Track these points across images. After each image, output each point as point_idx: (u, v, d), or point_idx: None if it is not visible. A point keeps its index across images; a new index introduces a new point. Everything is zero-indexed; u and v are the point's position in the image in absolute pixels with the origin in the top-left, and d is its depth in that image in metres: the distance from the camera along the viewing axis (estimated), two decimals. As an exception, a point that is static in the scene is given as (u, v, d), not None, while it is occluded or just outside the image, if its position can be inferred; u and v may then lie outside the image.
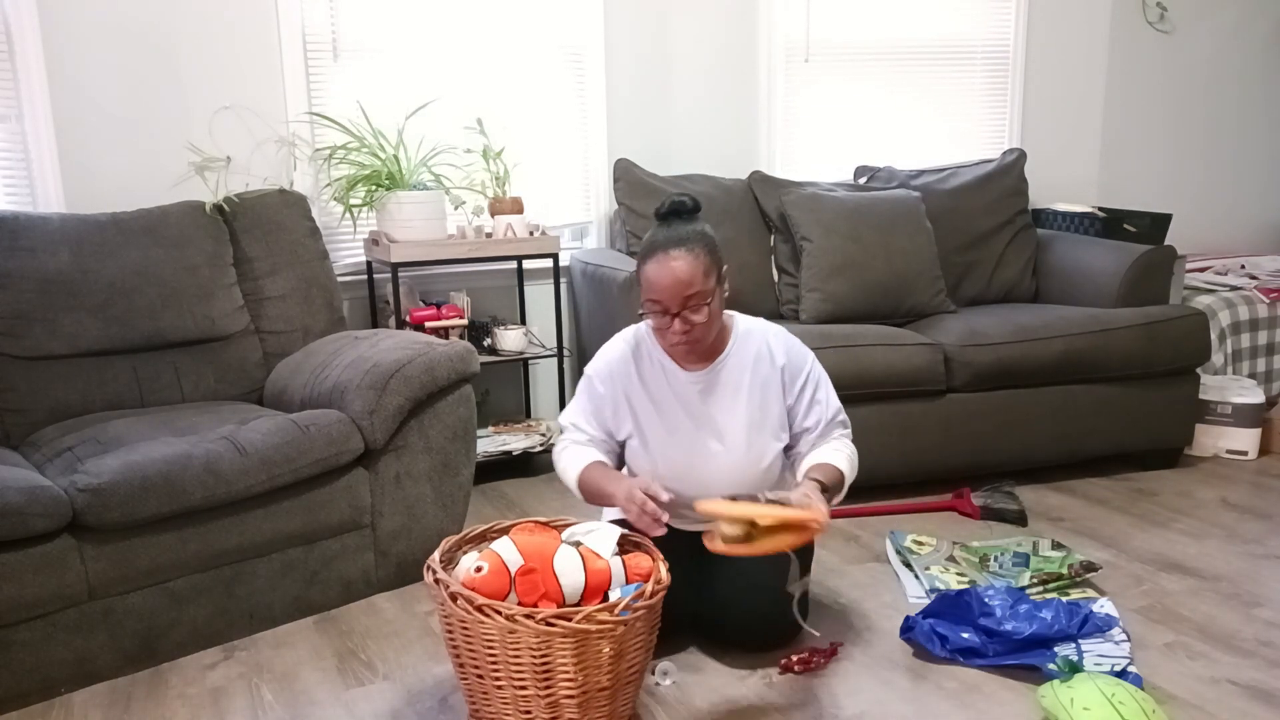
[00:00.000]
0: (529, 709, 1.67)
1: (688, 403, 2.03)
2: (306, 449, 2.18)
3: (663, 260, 1.87)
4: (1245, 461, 3.28)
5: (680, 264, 1.86)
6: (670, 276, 1.85)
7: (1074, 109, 4.07)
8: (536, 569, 1.72)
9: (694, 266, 1.86)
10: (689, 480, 2.03)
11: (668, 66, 3.54)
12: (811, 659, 2.00)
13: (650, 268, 1.88)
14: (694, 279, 1.86)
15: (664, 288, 1.86)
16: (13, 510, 1.81)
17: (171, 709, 1.92)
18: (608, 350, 2.10)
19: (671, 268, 1.86)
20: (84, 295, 2.48)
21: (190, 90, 2.94)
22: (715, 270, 1.91)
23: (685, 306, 1.87)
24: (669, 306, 1.87)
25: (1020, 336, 2.93)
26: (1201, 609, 2.24)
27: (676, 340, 1.92)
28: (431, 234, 3.00)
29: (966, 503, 2.84)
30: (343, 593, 2.35)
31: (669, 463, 2.04)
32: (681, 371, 2.03)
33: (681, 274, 1.85)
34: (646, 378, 2.05)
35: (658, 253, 1.88)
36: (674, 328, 1.89)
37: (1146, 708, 1.65)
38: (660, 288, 1.86)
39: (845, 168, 3.79)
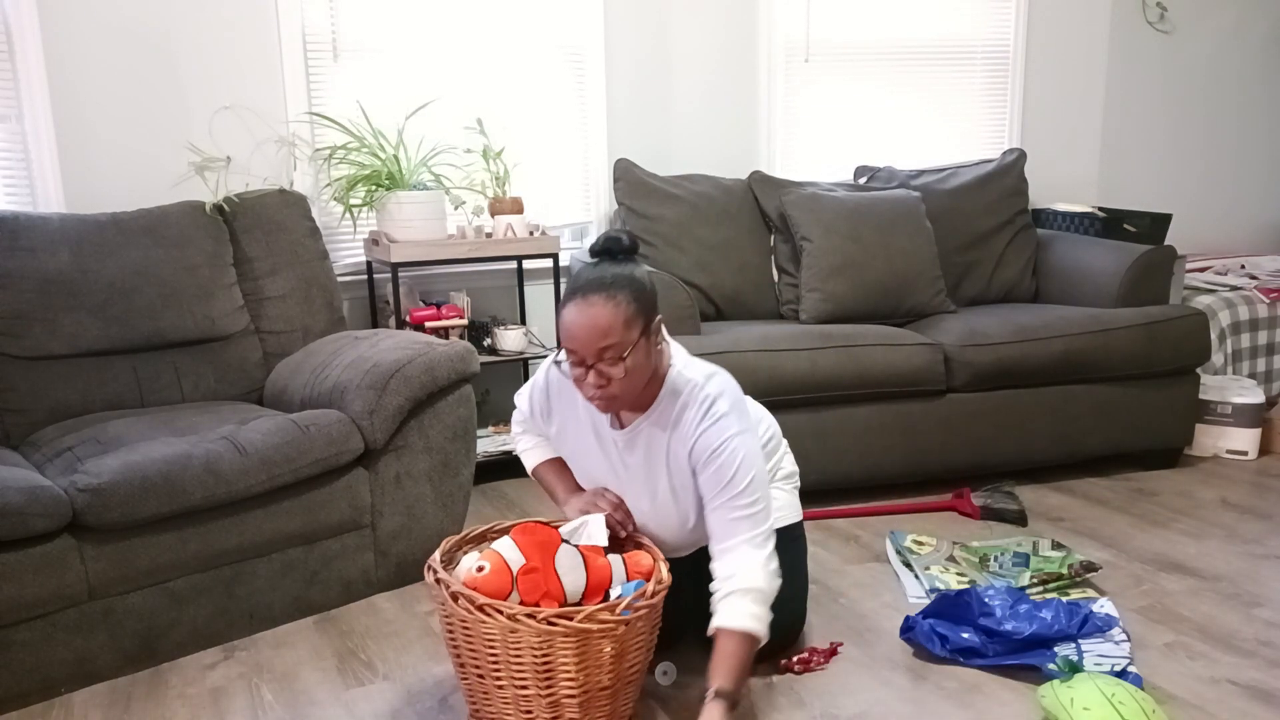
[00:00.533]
0: (530, 709, 1.67)
1: (612, 456, 1.91)
2: (306, 449, 2.18)
3: (580, 305, 1.68)
4: (1245, 461, 3.28)
5: (598, 311, 1.67)
6: (586, 324, 1.67)
7: (1074, 109, 4.07)
8: (538, 568, 1.72)
9: (613, 315, 1.67)
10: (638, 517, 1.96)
11: (668, 66, 3.54)
12: (811, 659, 2.00)
13: (567, 312, 1.70)
14: (611, 329, 1.67)
15: (578, 336, 1.68)
16: (13, 510, 1.81)
17: (171, 709, 1.92)
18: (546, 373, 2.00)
19: (588, 314, 1.67)
20: (84, 295, 2.48)
21: (190, 90, 2.94)
22: (641, 320, 1.71)
23: (600, 359, 1.68)
24: (584, 356, 1.70)
25: (1020, 336, 2.93)
26: (1201, 609, 2.24)
27: (591, 394, 1.74)
28: (431, 234, 3.00)
29: (966, 503, 2.84)
30: (343, 593, 2.35)
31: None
32: (607, 430, 1.90)
33: (599, 322, 1.67)
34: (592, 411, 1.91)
35: (577, 296, 1.70)
36: (589, 380, 1.71)
37: (1146, 708, 1.65)
38: (574, 335, 1.69)
39: (845, 168, 3.79)
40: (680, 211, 3.24)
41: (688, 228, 3.23)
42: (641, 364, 1.73)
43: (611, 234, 1.80)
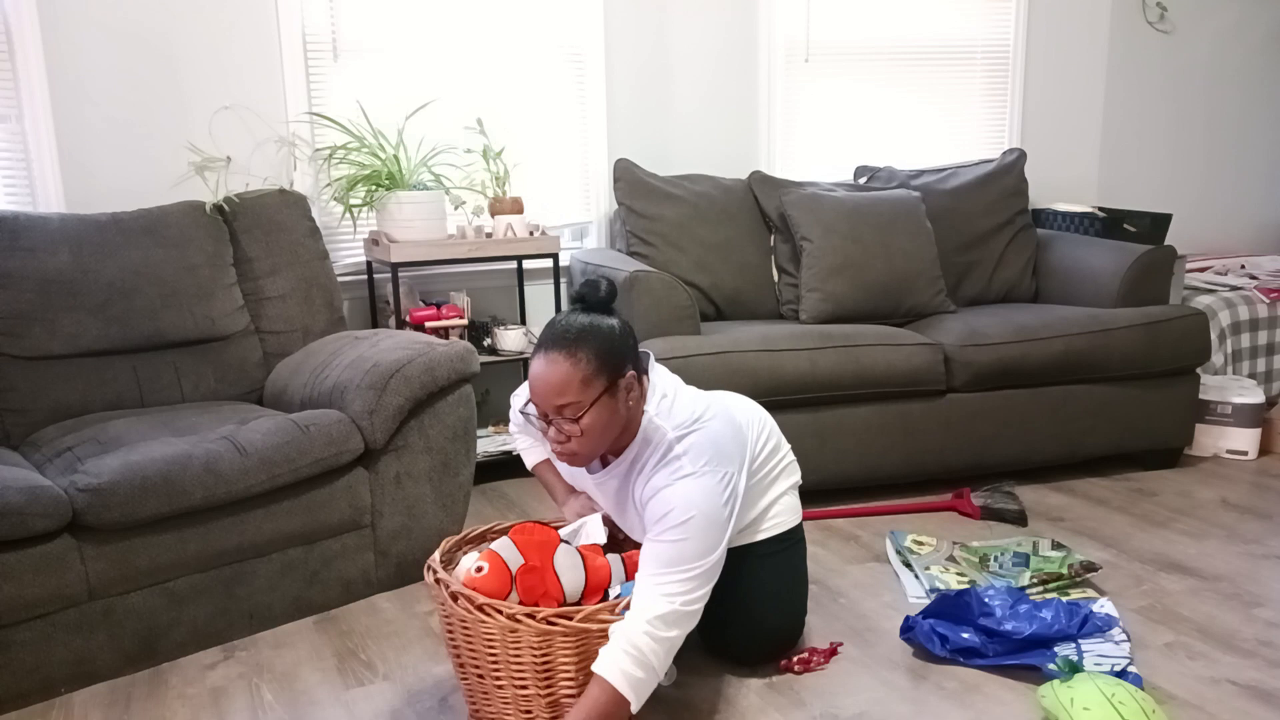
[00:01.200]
0: (529, 709, 1.67)
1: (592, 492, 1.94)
2: (306, 449, 2.18)
3: (542, 360, 1.67)
4: (1245, 461, 3.28)
5: (556, 369, 1.65)
6: (541, 381, 1.66)
7: (1074, 109, 4.07)
8: (537, 568, 1.72)
9: (570, 374, 1.64)
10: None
11: (668, 66, 3.54)
12: (811, 659, 2.00)
13: (533, 364, 1.69)
14: (567, 389, 1.64)
15: (538, 390, 1.67)
16: (13, 510, 1.81)
17: (171, 709, 1.92)
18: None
19: (547, 371, 1.65)
20: (84, 295, 2.48)
21: (190, 90, 2.94)
22: (603, 378, 1.67)
23: (559, 414, 1.67)
24: (544, 411, 1.69)
25: (1020, 336, 2.93)
26: (1201, 609, 2.24)
27: (553, 448, 1.73)
28: (431, 234, 3.00)
29: (966, 503, 2.84)
30: (343, 593, 2.35)
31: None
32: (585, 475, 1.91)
33: (553, 380, 1.65)
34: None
35: (541, 350, 1.68)
36: (550, 433, 1.71)
37: (1146, 708, 1.65)
38: (535, 390, 1.68)
39: (845, 168, 3.79)
40: (680, 211, 3.24)
41: (688, 228, 3.23)
42: (602, 422, 1.68)
43: (590, 280, 1.76)
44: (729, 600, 2.00)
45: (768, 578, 1.99)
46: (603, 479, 1.84)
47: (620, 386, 1.70)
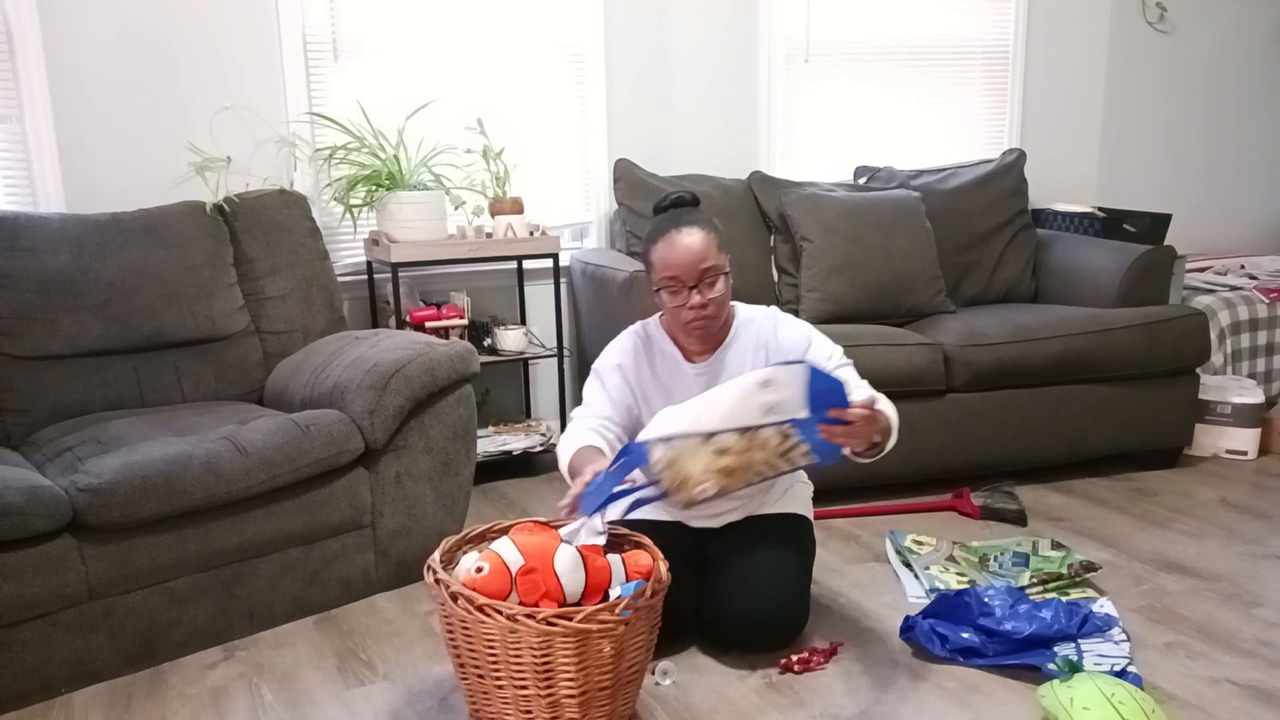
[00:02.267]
0: (529, 709, 1.67)
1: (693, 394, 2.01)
2: (307, 449, 2.18)
3: (674, 237, 1.91)
4: (1245, 461, 3.29)
5: (694, 239, 1.90)
6: (686, 250, 1.89)
7: (1074, 109, 4.07)
8: (537, 568, 1.72)
9: (707, 240, 1.91)
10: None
11: (668, 66, 3.54)
12: (811, 659, 2.01)
13: (662, 247, 1.92)
14: (709, 252, 1.90)
15: (680, 262, 1.90)
16: (13, 510, 1.81)
17: (172, 709, 1.92)
18: (615, 344, 2.12)
19: (686, 243, 1.90)
20: (84, 295, 2.48)
21: (190, 90, 2.94)
22: (725, 251, 1.96)
23: (702, 279, 1.91)
24: (686, 280, 1.91)
25: (1020, 336, 2.93)
26: (1201, 609, 2.24)
27: (692, 317, 1.94)
28: (431, 234, 3.01)
29: (966, 503, 2.84)
30: (343, 593, 2.35)
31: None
32: (687, 364, 2.06)
33: (696, 247, 1.89)
34: (657, 370, 2.08)
35: (669, 231, 1.92)
36: (693, 300, 1.91)
37: (1146, 707, 1.65)
38: (677, 263, 1.90)
39: (845, 168, 3.79)
40: (680, 211, 3.24)
41: (688, 228, 3.23)
42: (729, 288, 1.97)
43: (676, 193, 2.02)
44: (728, 581, 2.01)
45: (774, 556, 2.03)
46: (703, 368, 2.05)
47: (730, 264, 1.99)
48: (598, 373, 2.11)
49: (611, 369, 2.09)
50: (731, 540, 2.09)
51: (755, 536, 2.09)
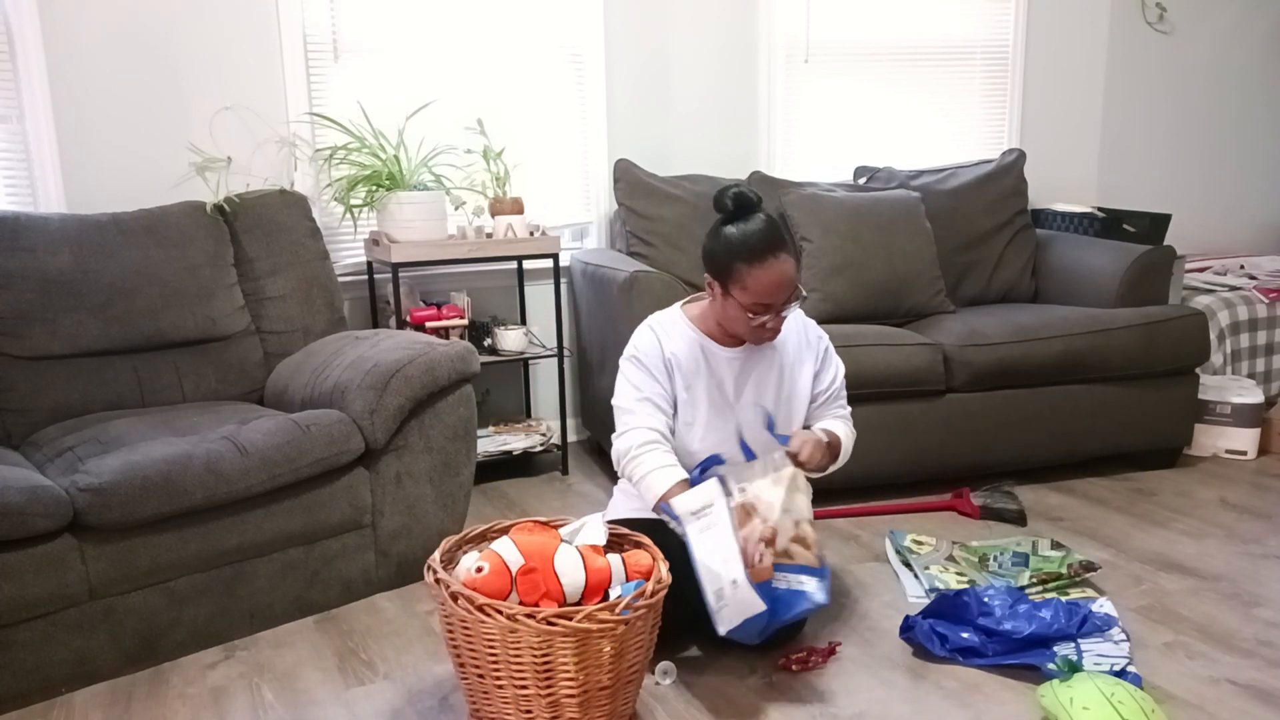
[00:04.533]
0: (530, 708, 1.67)
1: (722, 379, 2.10)
2: (307, 449, 2.19)
3: (773, 265, 1.92)
4: (1244, 461, 3.29)
5: (785, 267, 1.94)
6: (782, 280, 1.93)
7: (1074, 109, 4.07)
8: (537, 568, 1.72)
9: (792, 266, 1.95)
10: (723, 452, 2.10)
11: (668, 66, 3.54)
12: (810, 658, 2.01)
13: (760, 273, 1.92)
14: (794, 277, 1.96)
15: (776, 290, 1.94)
16: (13, 510, 1.81)
17: (172, 709, 1.92)
18: (642, 334, 2.13)
19: (782, 270, 1.93)
20: (84, 295, 2.49)
21: (190, 90, 2.95)
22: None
23: (785, 304, 1.97)
24: (776, 307, 1.96)
25: (1020, 336, 2.93)
26: (1201, 609, 2.24)
27: (763, 336, 2.02)
28: (432, 234, 3.01)
29: (966, 503, 2.84)
30: (343, 592, 2.35)
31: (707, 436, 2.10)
32: (720, 349, 2.11)
33: (787, 275, 1.94)
34: (682, 360, 2.10)
35: (767, 257, 1.92)
36: (772, 324, 1.98)
37: (1146, 707, 1.66)
38: (775, 291, 1.94)
39: (845, 168, 3.79)
40: (680, 211, 3.25)
41: (688, 228, 3.23)
42: None
43: (740, 190, 1.98)
44: None
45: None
46: (736, 354, 2.10)
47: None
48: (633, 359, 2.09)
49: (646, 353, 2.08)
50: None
51: None
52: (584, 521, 1.87)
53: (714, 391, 2.10)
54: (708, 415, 2.10)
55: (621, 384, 2.11)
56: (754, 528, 1.88)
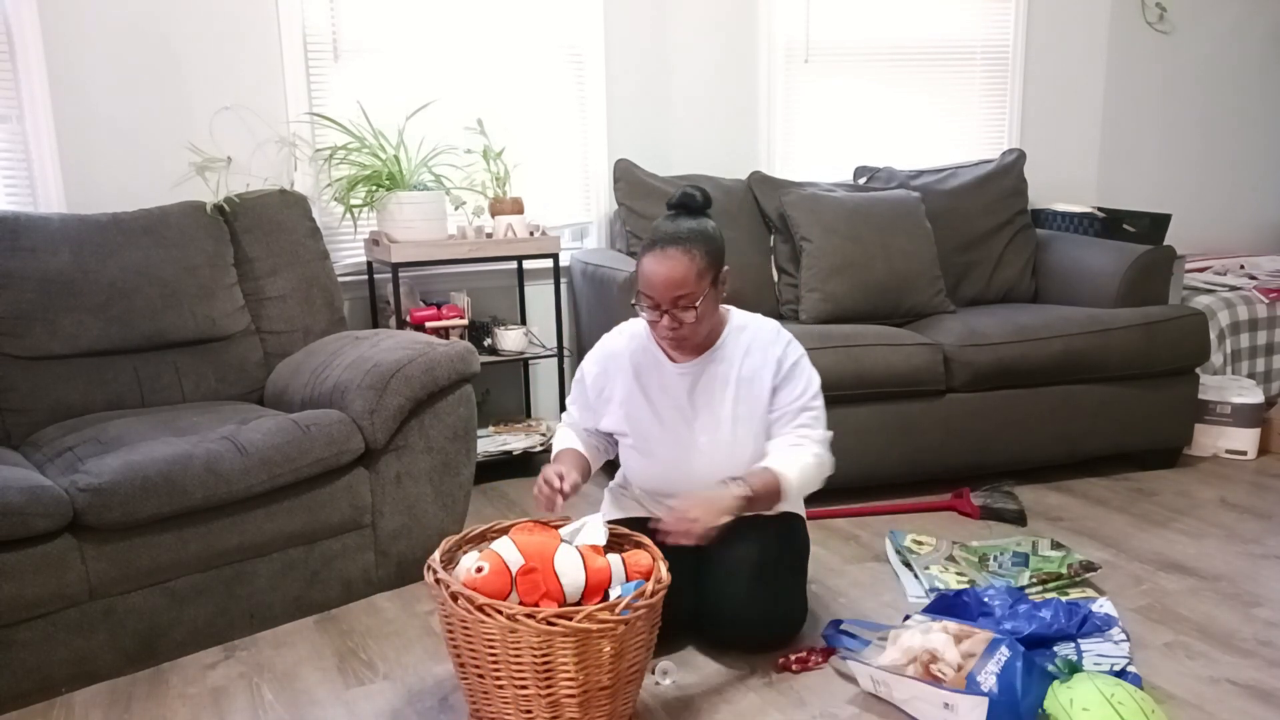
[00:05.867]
0: (530, 708, 1.67)
1: (676, 394, 2.06)
2: (307, 449, 2.19)
3: (658, 257, 1.89)
4: (1244, 461, 3.29)
5: (673, 264, 1.88)
6: (662, 275, 1.88)
7: (1074, 109, 4.07)
8: (537, 568, 1.72)
9: (687, 268, 1.88)
10: (675, 475, 2.07)
11: (668, 67, 3.54)
12: (809, 658, 2.01)
13: (646, 261, 1.91)
14: (685, 280, 1.88)
15: (655, 284, 1.89)
16: (13, 510, 1.81)
17: (172, 709, 1.92)
18: (602, 343, 2.16)
19: (665, 266, 1.88)
20: (84, 295, 2.49)
21: (190, 90, 2.94)
22: (711, 272, 1.92)
23: (675, 305, 1.90)
24: (659, 302, 1.91)
25: (1020, 336, 2.93)
26: (1201, 609, 2.24)
27: (664, 335, 1.97)
28: (432, 234, 3.01)
29: (966, 502, 2.84)
30: (343, 592, 2.35)
31: (656, 454, 2.08)
32: (670, 364, 2.06)
33: (673, 274, 1.87)
34: (640, 369, 2.09)
35: (655, 248, 1.90)
36: (663, 323, 1.93)
37: (1146, 708, 1.66)
38: (652, 284, 1.90)
39: (845, 168, 3.79)
40: (680, 212, 3.24)
41: (688, 228, 3.22)
42: (709, 310, 1.95)
43: (687, 190, 1.97)
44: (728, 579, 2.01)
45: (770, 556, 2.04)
46: (687, 369, 2.05)
47: (720, 280, 1.96)
48: (581, 371, 2.18)
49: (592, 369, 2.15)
50: (729, 540, 2.09)
51: (751, 536, 2.08)
52: (584, 521, 1.87)
53: (668, 408, 2.06)
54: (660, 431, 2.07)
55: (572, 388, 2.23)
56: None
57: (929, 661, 1.79)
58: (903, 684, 1.81)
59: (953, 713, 1.73)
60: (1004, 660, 1.74)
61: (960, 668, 1.76)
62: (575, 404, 2.20)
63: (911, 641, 1.83)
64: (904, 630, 1.89)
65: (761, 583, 2.01)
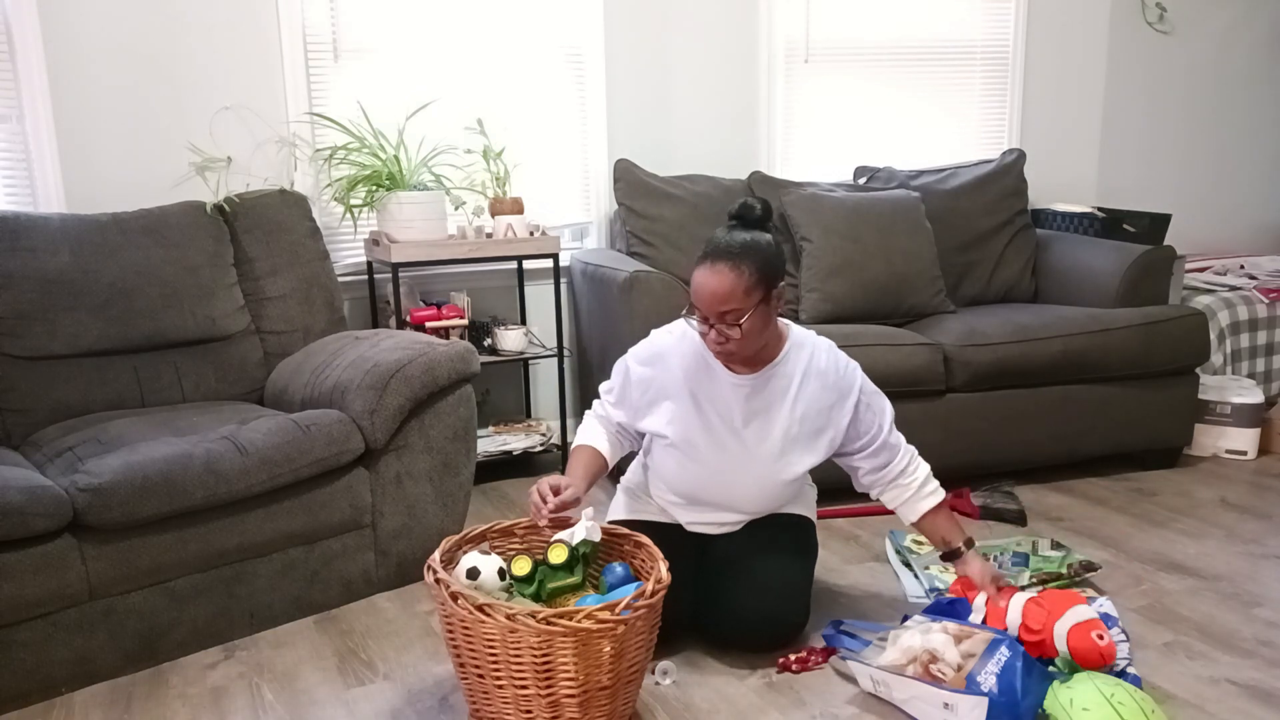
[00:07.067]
0: (529, 708, 1.67)
1: (728, 405, 2.01)
2: (307, 449, 2.19)
3: (707, 270, 1.86)
4: (1244, 461, 3.29)
5: (722, 279, 1.84)
6: (710, 289, 1.85)
7: (1074, 109, 4.07)
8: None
9: (735, 283, 1.83)
10: (713, 483, 2.04)
11: (668, 66, 3.54)
12: (810, 658, 2.01)
13: (697, 273, 1.88)
14: (732, 296, 1.83)
15: (703, 298, 1.86)
16: (13, 510, 1.81)
17: (172, 709, 1.92)
18: (652, 340, 2.08)
19: (713, 280, 1.84)
20: (84, 295, 2.49)
21: (190, 90, 2.95)
22: (762, 289, 1.86)
23: (721, 320, 1.86)
24: (707, 315, 1.88)
25: (1020, 336, 2.93)
26: (1201, 609, 2.24)
27: (712, 349, 1.93)
28: (432, 234, 3.01)
29: (966, 503, 2.84)
30: (343, 592, 2.35)
31: (698, 461, 2.03)
32: (727, 373, 2.01)
33: (719, 289, 1.84)
34: (692, 374, 2.02)
35: (707, 260, 1.87)
36: (710, 336, 1.89)
37: (1146, 708, 1.66)
38: (700, 296, 1.87)
39: (845, 168, 3.79)
40: (680, 211, 3.25)
41: (688, 228, 3.23)
42: (757, 327, 1.89)
43: (747, 201, 1.94)
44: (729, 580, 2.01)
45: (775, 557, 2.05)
46: (744, 381, 2.00)
47: (774, 296, 1.91)
48: (626, 363, 2.09)
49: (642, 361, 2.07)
50: (733, 541, 2.10)
51: (757, 537, 2.09)
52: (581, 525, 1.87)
53: (717, 418, 2.01)
54: (706, 439, 2.02)
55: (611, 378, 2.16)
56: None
57: (929, 662, 1.79)
58: (903, 684, 1.81)
59: (952, 713, 1.73)
60: (1004, 660, 1.73)
61: (960, 668, 1.75)
62: (612, 396, 2.13)
63: (911, 642, 1.83)
64: (904, 630, 1.89)
65: (762, 583, 2.01)
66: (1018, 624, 1.88)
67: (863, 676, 1.90)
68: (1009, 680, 1.70)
